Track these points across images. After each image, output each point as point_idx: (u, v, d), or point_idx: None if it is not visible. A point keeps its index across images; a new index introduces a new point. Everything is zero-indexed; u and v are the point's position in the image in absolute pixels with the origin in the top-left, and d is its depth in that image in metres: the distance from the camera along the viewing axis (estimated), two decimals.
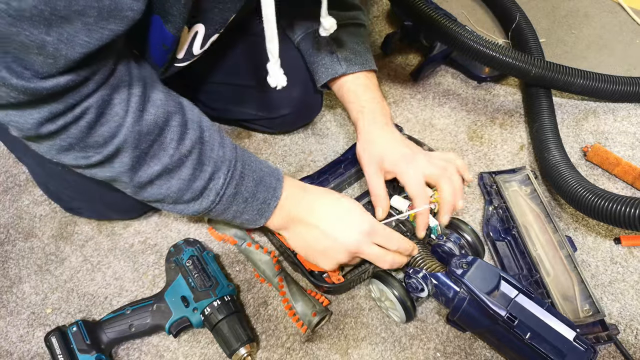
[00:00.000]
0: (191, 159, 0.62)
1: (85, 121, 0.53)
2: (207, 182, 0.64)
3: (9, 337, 0.80)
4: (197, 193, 0.64)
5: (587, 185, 0.84)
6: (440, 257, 0.77)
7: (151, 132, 0.58)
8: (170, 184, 0.62)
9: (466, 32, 0.99)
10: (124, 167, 0.59)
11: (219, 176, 0.64)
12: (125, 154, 0.57)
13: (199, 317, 0.75)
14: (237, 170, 0.66)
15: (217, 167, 0.64)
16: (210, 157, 0.63)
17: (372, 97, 0.85)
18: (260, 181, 0.68)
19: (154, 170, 0.60)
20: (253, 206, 0.69)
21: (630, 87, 1.03)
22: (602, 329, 0.76)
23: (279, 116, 0.96)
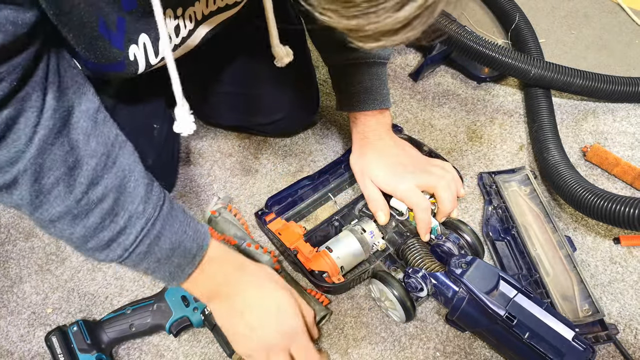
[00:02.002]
0: (101, 207, 0.55)
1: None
2: (116, 235, 0.57)
3: (9, 337, 0.80)
4: (102, 244, 0.57)
5: (586, 185, 0.84)
6: (439, 257, 0.77)
7: (56, 168, 0.52)
8: (73, 230, 0.55)
9: (466, 32, 0.99)
10: (23, 200, 0.52)
11: (131, 232, 0.57)
12: (23, 186, 0.51)
13: (199, 317, 0.75)
14: (154, 230, 0.59)
15: (131, 223, 0.57)
16: (127, 210, 0.57)
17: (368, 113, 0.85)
18: (178, 245, 0.61)
19: (55, 210, 0.54)
20: (166, 268, 0.62)
21: (630, 88, 1.03)
22: (601, 329, 0.77)
23: (272, 122, 0.97)
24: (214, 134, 1.05)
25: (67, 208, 0.54)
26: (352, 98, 0.84)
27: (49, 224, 0.55)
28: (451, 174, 0.81)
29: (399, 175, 0.80)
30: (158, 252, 0.60)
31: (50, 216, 0.54)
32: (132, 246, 0.58)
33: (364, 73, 0.84)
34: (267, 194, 0.92)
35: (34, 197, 0.52)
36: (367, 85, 0.84)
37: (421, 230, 0.79)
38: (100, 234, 0.56)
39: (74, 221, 0.55)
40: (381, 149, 0.84)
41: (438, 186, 0.79)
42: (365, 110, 0.84)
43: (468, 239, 0.79)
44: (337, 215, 0.86)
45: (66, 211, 0.54)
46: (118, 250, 0.58)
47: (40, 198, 0.52)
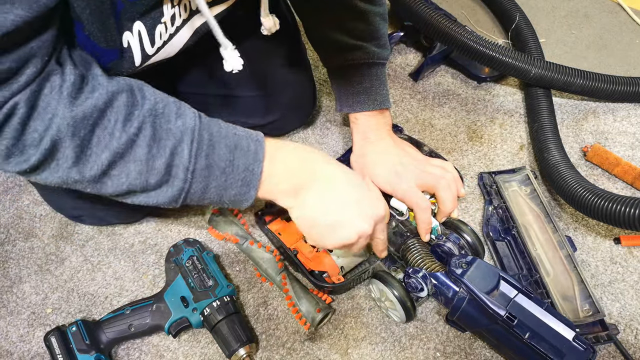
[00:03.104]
0: (142, 135, 0.54)
1: (18, 117, 0.49)
2: (169, 157, 0.55)
3: (9, 337, 0.80)
4: (162, 173, 0.55)
5: (586, 185, 0.84)
6: (439, 257, 0.77)
7: (89, 116, 0.52)
8: (128, 170, 0.55)
9: (466, 32, 0.99)
10: (68, 161, 0.52)
11: (182, 149, 0.55)
12: (64, 145, 0.51)
13: (199, 318, 0.75)
14: (204, 139, 0.57)
15: (177, 140, 0.55)
16: (168, 130, 0.55)
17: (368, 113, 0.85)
18: (235, 147, 0.59)
19: (102, 158, 0.53)
20: (235, 176, 0.59)
21: (630, 87, 1.03)
22: (601, 329, 0.76)
23: (269, 122, 0.97)
24: None
25: (112, 151, 0.53)
26: (352, 99, 0.84)
27: (103, 177, 0.54)
28: (451, 174, 0.81)
29: (400, 175, 0.80)
30: (219, 161, 0.57)
31: (101, 167, 0.53)
32: (190, 162, 0.56)
33: (364, 74, 0.84)
34: None
35: (79, 153, 0.52)
36: (366, 85, 0.84)
37: (421, 231, 0.79)
38: (155, 163, 0.55)
39: (124, 160, 0.54)
40: (381, 149, 0.84)
41: (438, 186, 0.79)
42: (365, 110, 0.84)
43: (468, 239, 0.79)
44: None
45: (113, 154, 0.53)
46: (180, 174, 0.56)
47: (84, 152, 0.52)
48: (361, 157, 0.85)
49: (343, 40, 0.82)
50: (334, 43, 0.83)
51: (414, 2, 1.03)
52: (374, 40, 0.83)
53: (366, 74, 0.84)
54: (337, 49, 0.83)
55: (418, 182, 0.80)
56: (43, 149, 0.51)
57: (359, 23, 0.81)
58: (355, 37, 0.82)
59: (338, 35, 0.82)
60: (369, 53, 0.82)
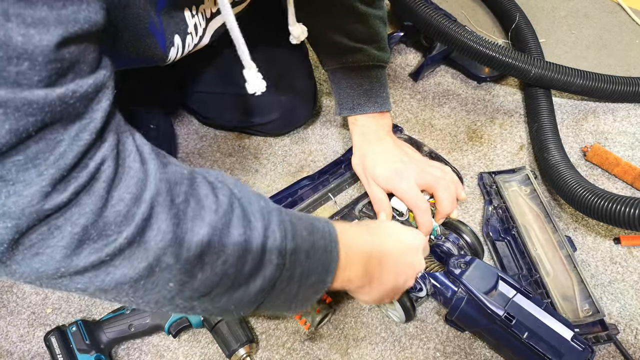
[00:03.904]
0: (236, 215, 0.45)
1: (103, 181, 0.36)
2: (263, 239, 0.46)
3: (9, 337, 0.80)
4: (257, 258, 0.46)
5: (586, 185, 0.84)
6: (438, 257, 0.77)
7: (180, 182, 0.42)
8: (225, 253, 0.44)
9: (466, 32, 0.99)
10: (164, 238, 0.39)
11: (273, 230, 0.48)
12: (161, 216, 0.39)
13: (199, 317, 0.75)
14: (287, 220, 0.50)
15: (266, 221, 0.47)
16: (254, 212, 0.47)
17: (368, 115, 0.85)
18: (312, 227, 0.52)
19: (201, 235, 0.42)
20: (316, 259, 0.52)
21: (630, 87, 1.03)
22: (601, 329, 0.76)
23: (269, 121, 0.97)
24: (214, 134, 1.05)
25: (211, 226, 0.43)
26: (351, 101, 0.84)
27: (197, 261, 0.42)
28: (450, 175, 0.81)
29: (400, 174, 0.80)
30: (302, 243, 0.50)
31: (199, 244, 0.42)
32: (282, 244, 0.48)
33: (364, 76, 0.84)
34: (267, 194, 0.92)
35: (175, 226, 0.40)
36: (366, 87, 0.84)
37: (422, 232, 0.79)
38: (251, 246, 0.46)
39: (222, 241, 0.44)
40: (382, 149, 0.84)
41: (438, 186, 0.79)
42: (365, 112, 0.84)
43: (468, 240, 0.79)
44: (337, 215, 0.86)
45: (212, 231, 0.43)
46: (274, 258, 0.47)
47: (180, 225, 0.41)
48: (361, 158, 0.85)
49: (343, 43, 0.82)
50: (334, 45, 0.83)
51: (414, 2, 1.03)
52: (374, 43, 0.83)
53: (366, 76, 0.84)
54: (337, 51, 0.83)
55: (418, 181, 0.80)
56: (135, 222, 0.38)
57: (359, 26, 0.82)
58: (355, 39, 0.82)
59: (338, 38, 0.82)
60: (369, 55, 0.82)
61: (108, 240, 0.37)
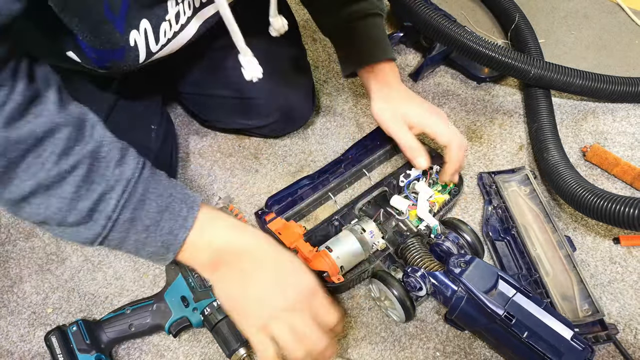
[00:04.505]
0: (75, 175, 0.52)
1: None
2: (95, 203, 0.53)
3: (9, 337, 0.80)
4: (83, 215, 0.53)
5: (586, 185, 0.84)
6: (438, 256, 0.77)
7: (23, 141, 0.49)
8: (48, 203, 0.52)
9: (466, 32, 0.99)
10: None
11: (111, 197, 0.54)
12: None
13: (199, 317, 0.75)
14: (137, 193, 0.55)
15: (109, 187, 0.54)
16: (103, 176, 0.54)
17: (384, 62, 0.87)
18: (166, 208, 0.57)
19: (26, 185, 0.51)
20: (157, 237, 0.57)
21: (630, 88, 1.03)
22: (601, 329, 0.77)
23: (268, 124, 0.97)
24: (214, 134, 1.05)
25: (37, 182, 0.51)
26: (364, 52, 0.86)
27: (21, 202, 0.52)
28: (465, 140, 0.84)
29: (432, 112, 0.83)
30: (145, 218, 0.56)
31: (22, 192, 0.51)
32: (114, 212, 0.54)
33: (370, 25, 0.86)
34: (267, 194, 0.92)
35: (2, 173, 0.50)
36: (375, 35, 0.86)
37: (449, 169, 0.82)
38: (78, 204, 0.53)
39: (47, 193, 0.52)
40: (406, 91, 0.86)
41: (454, 140, 0.82)
42: (380, 59, 0.86)
43: (468, 239, 0.79)
44: (337, 214, 0.86)
45: (37, 184, 0.51)
46: (101, 220, 0.54)
47: (8, 173, 0.50)
48: (387, 101, 0.85)
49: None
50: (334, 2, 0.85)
51: (413, 3, 1.03)
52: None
53: (373, 25, 0.86)
54: (342, 5, 0.85)
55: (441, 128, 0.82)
56: None
57: None
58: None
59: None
60: (373, 4, 0.85)
61: None
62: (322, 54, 1.19)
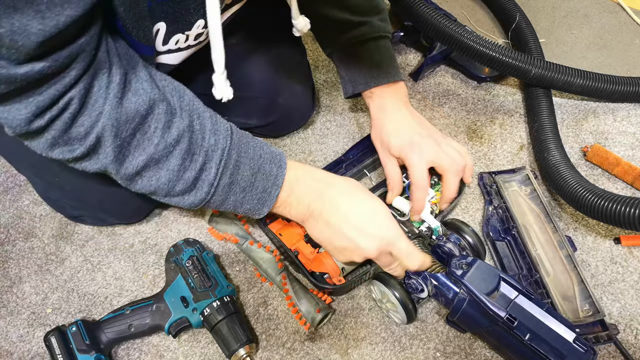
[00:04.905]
0: (179, 148, 0.59)
1: (69, 112, 0.52)
2: (198, 172, 0.60)
3: (9, 337, 0.80)
4: (189, 184, 0.61)
5: (586, 185, 0.84)
6: (440, 258, 0.77)
7: (131, 119, 0.55)
8: (159, 175, 0.59)
9: (466, 32, 0.99)
10: (107, 158, 0.56)
11: (211, 166, 0.61)
12: (106, 143, 0.55)
13: (199, 318, 0.75)
14: (232, 159, 0.62)
15: (208, 157, 0.61)
16: (201, 146, 0.60)
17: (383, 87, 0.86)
18: (258, 169, 0.65)
19: (139, 160, 0.58)
20: (253, 195, 0.65)
21: (630, 87, 1.03)
22: (601, 329, 0.76)
23: (268, 123, 0.97)
24: None
25: (149, 155, 0.57)
26: (365, 75, 0.85)
27: (135, 176, 0.59)
28: (465, 160, 0.81)
29: (414, 146, 0.80)
30: (241, 181, 0.63)
31: (136, 167, 0.58)
32: (215, 179, 0.61)
33: (372, 48, 0.85)
34: None
35: (118, 152, 0.56)
36: (377, 59, 0.85)
37: (413, 209, 0.81)
38: (185, 174, 0.60)
39: (158, 166, 0.59)
40: (399, 119, 0.84)
41: (449, 170, 0.79)
42: (380, 84, 0.84)
43: (470, 240, 0.79)
44: None
45: (149, 158, 0.58)
46: (204, 187, 0.62)
47: (123, 152, 0.56)
48: (379, 130, 0.85)
49: (346, 19, 0.84)
50: (338, 23, 0.84)
51: (414, 2, 1.03)
52: (377, 14, 0.85)
53: (375, 49, 0.85)
54: (343, 28, 0.84)
55: (432, 157, 0.79)
56: (88, 144, 0.54)
57: (359, 0, 0.84)
58: (359, 13, 0.83)
59: (342, 15, 0.84)
60: (374, 27, 0.84)
61: (72, 148, 0.55)
62: (322, 54, 1.19)
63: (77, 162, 0.58)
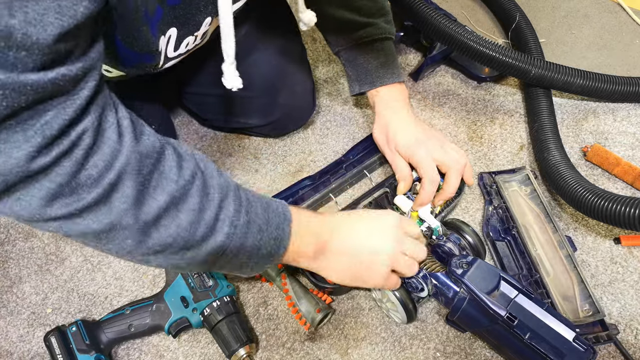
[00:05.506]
0: (196, 185, 0.53)
1: (82, 149, 0.43)
2: (217, 210, 0.54)
3: (9, 337, 0.80)
4: (209, 225, 0.53)
5: (587, 185, 0.84)
6: (440, 257, 0.77)
7: (150, 155, 0.49)
8: (179, 219, 0.51)
9: (466, 32, 0.99)
10: (126, 201, 0.47)
11: (229, 202, 0.55)
12: (127, 183, 0.47)
13: (199, 318, 0.75)
14: (244, 197, 0.58)
15: (223, 194, 0.55)
16: (213, 185, 0.55)
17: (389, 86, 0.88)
18: (267, 206, 0.60)
19: (160, 201, 0.49)
20: (269, 234, 0.59)
21: (630, 87, 1.03)
22: (601, 329, 0.76)
23: (268, 123, 0.97)
24: (213, 133, 1.05)
25: (170, 195, 0.50)
26: (371, 75, 0.88)
27: (153, 224, 0.50)
28: (466, 160, 0.84)
29: (420, 143, 0.83)
30: (256, 218, 0.58)
31: (156, 211, 0.49)
32: (235, 217, 0.55)
33: (379, 49, 0.87)
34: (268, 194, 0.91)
35: (139, 193, 0.48)
36: (383, 60, 0.88)
37: (419, 199, 0.82)
38: (204, 214, 0.53)
39: (178, 207, 0.51)
40: (404, 118, 0.87)
41: (452, 168, 0.82)
42: (385, 83, 0.87)
43: (470, 240, 0.79)
44: None
45: (170, 199, 0.50)
46: (225, 227, 0.54)
47: (144, 193, 0.48)
48: (384, 127, 0.87)
49: (354, 19, 0.86)
50: (346, 23, 0.86)
51: (414, 2, 1.03)
52: (383, 16, 0.87)
53: (380, 49, 0.87)
54: (350, 29, 0.87)
55: (436, 155, 0.82)
56: (104, 185, 0.45)
57: (366, 1, 0.86)
58: (365, 14, 0.86)
59: (349, 15, 0.86)
60: (380, 28, 0.86)
61: (79, 197, 0.44)
62: (322, 53, 1.19)
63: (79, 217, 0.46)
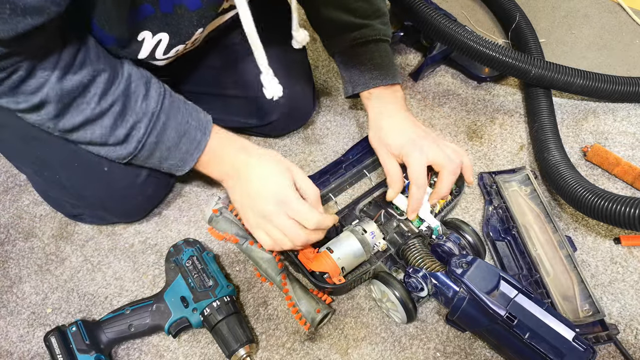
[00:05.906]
0: (112, 111, 0.66)
1: (17, 76, 0.59)
2: (128, 130, 0.68)
3: (9, 337, 0.80)
4: (120, 139, 0.69)
5: (586, 185, 0.84)
6: (440, 257, 0.77)
7: (74, 90, 0.63)
8: (93, 131, 0.68)
9: (466, 32, 0.99)
10: (48, 115, 0.65)
11: (140, 127, 0.69)
12: (49, 106, 0.63)
13: (199, 318, 0.75)
14: (160, 122, 0.70)
15: (138, 119, 0.68)
16: (133, 109, 0.68)
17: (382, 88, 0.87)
18: (184, 133, 0.72)
19: (76, 120, 0.66)
20: (176, 154, 0.73)
21: (630, 87, 1.03)
22: (601, 329, 0.76)
23: (268, 123, 0.97)
24: None
25: (85, 117, 0.66)
26: (365, 76, 0.86)
27: (70, 131, 0.68)
28: (461, 159, 0.82)
29: (414, 144, 0.81)
30: (167, 141, 0.71)
31: (71, 125, 0.66)
32: (143, 137, 0.69)
33: (373, 50, 0.86)
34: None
35: (58, 113, 0.64)
36: (377, 61, 0.86)
37: (409, 207, 0.81)
38: (116, 131, 0.68)
39: (93, 125, 0.67)
40: (398, 120, 0.85)
41: (446, 167, 0.80)
42: (379, 85, 0.86)
43: (470, 239, 0.79)
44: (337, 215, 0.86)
45: (85, 120, 0.66)
46: (133, 143, 0.70)
47: (62, 113, 0.65)
48: (377, 130, 0.86)
49: (350, 21, 0.85)
50: (341, 24, 0.86)
51: (414, 2, 1.03)
52: (378, 18, 0.86)
53: (375, 51, 0.86)
54: (345, 30, 0.86)
55: (430, 155, 0.80)
56: (31, 102, 0.62)
57: (362, 3, 0.85)
58: (361, 16, 0.85)
59: (345, 17, 0.85)
60: (375, 30, 0.85)
61: (18, 101, 0.63)
62: (322, 54, 1.19)
63: (20, 112, 0.66)
